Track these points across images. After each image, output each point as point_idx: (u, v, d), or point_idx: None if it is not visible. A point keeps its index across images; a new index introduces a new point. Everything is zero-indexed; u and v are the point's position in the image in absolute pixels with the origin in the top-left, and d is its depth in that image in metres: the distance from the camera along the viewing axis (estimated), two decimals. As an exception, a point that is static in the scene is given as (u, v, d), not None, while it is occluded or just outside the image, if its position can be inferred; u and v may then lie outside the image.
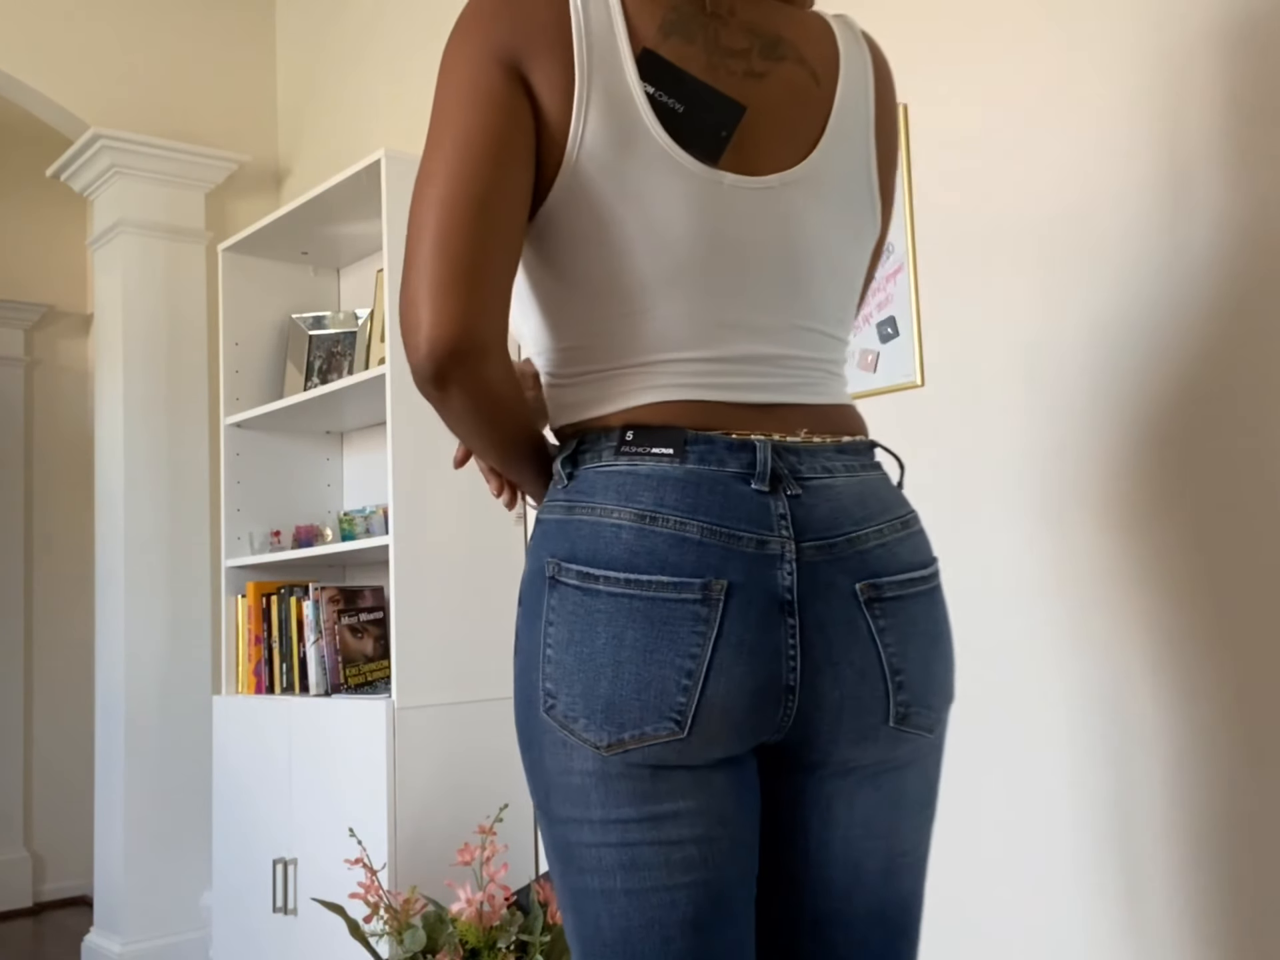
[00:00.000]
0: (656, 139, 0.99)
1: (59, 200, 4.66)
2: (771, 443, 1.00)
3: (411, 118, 3.22)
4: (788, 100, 1.06)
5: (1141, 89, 1.70)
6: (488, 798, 2.61)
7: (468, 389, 0.98)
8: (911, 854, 1.07)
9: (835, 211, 1.07)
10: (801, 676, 0.99)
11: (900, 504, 1.08)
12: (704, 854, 1.01)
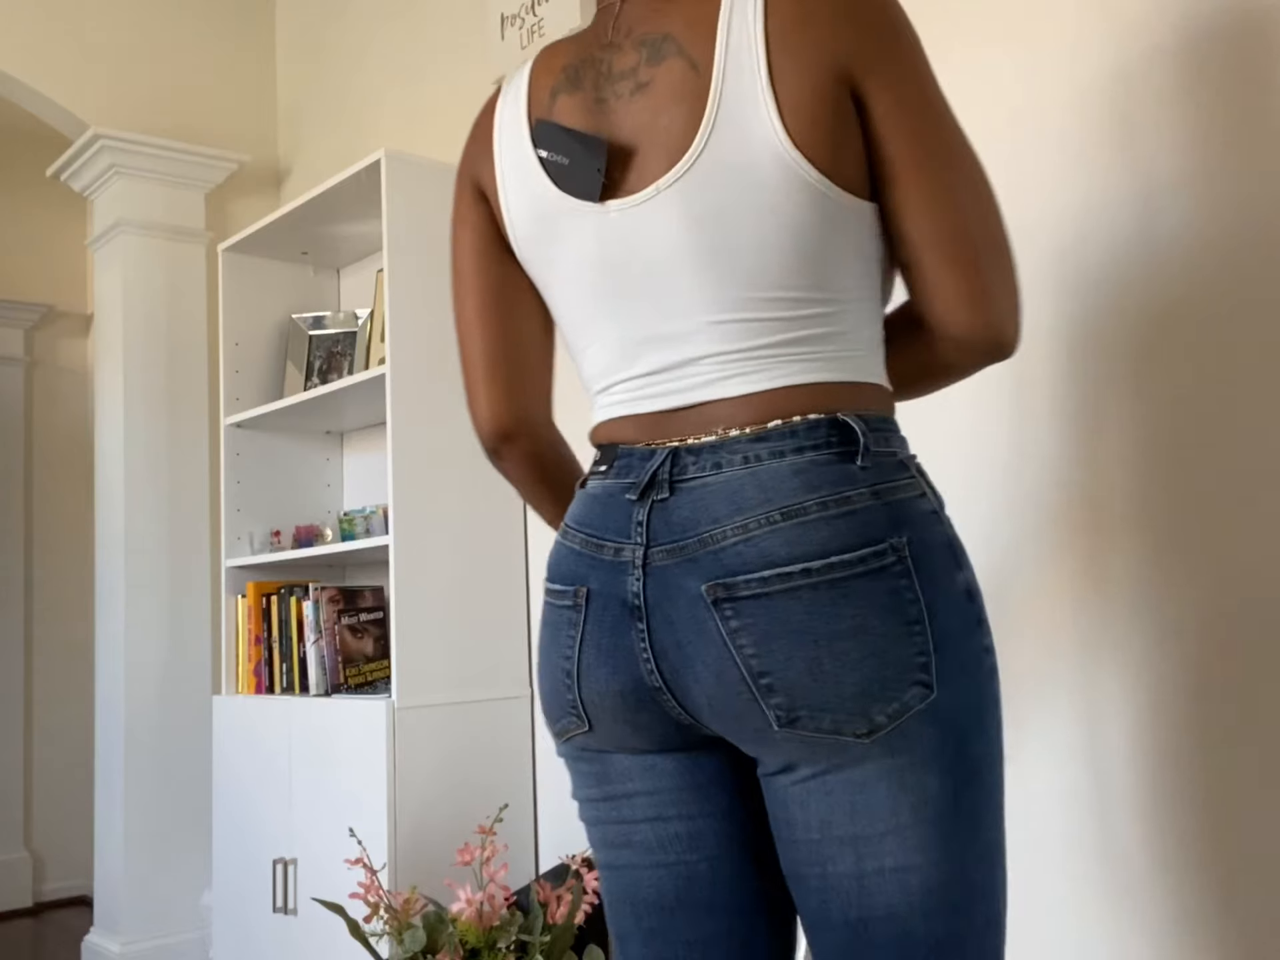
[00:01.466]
0: (552, 198, 1.09)
1: (59, 200, 4.66)
2: (674, 448, 1.04)
3: (412, 118, 3.22)
4: (669, 102, 1.04)
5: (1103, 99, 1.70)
6: (488, 798, 2.61)
7: (515, 460, 1.22)
8: (900, 869, 0.98)
9: (735, 192, 1.02)
10: (664, 679, 1.02)
11: (798, 491, 0.99)
12: (659, 837, 1.09)
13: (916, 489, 1.03)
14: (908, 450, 1.07)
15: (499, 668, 2.69)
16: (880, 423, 1.04)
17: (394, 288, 2.62)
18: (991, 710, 1.02)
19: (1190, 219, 1.65)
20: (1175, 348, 1.66)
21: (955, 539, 1.04)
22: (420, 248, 2.67)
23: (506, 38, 2.80)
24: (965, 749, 0.99)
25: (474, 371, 1.20)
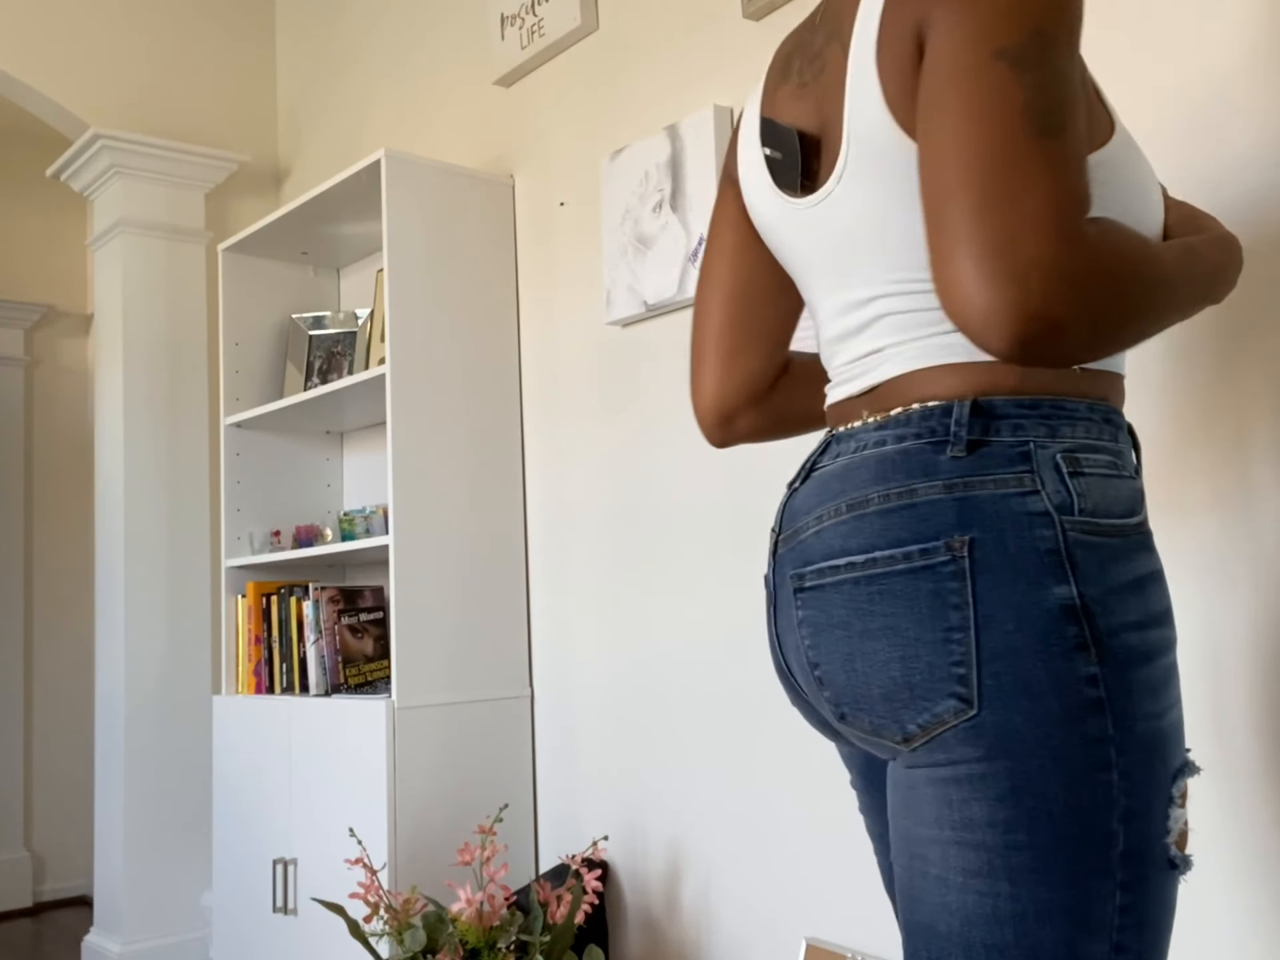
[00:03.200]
0: (773, 192, 1.10)
1: (59, 200, 4.67)
2: (831, 434, 1.05)
3: (412, 118, 3.22)
4: (833, 86, 1.01)
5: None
6: (488, 798, 2.61)
7: (735, 442, 1.24)
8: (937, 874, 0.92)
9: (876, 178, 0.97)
10: (785, 662, 1.06)
11: (869, 483, 0.95)
12: (867, 827, 1.17)
13: (1024, 485, 0.90)
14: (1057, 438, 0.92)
15: (499, 668, 2.69)
16: (1016, 407, 0.93)
17: (394, 288, 2.62)
18: (1074, 753, 0.87)
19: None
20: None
21: (1073, 550, 0.89)
22: (420, 248, 2.67)
23: (506, 38, 2.80)
24: (1022, 784, 0.88)
25: (701, 353, 1.20)
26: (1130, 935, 0.88)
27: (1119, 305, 0.82)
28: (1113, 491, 0.93)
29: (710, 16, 2.36)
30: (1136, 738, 0.88)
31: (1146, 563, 0.93)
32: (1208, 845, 1.59)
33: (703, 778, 2.34)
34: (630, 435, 2.52)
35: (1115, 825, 0.88)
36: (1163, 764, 0.89)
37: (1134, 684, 0.88)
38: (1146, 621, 0.90)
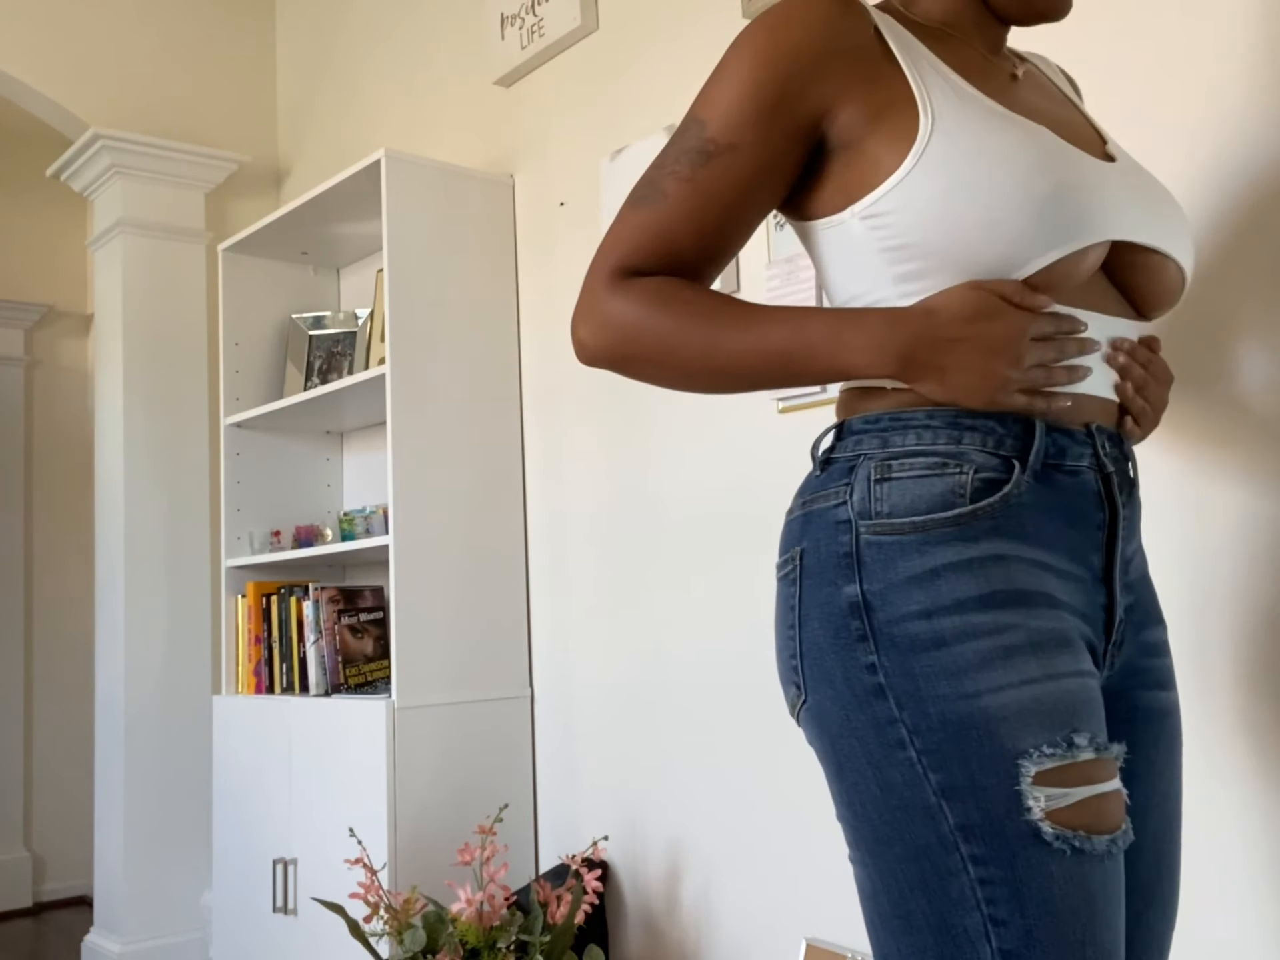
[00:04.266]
0: None
1: (59, 200, 4.66)
2: None
3: (412, 118, 3.22)
4: None
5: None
6: (488, 798, 2.61)
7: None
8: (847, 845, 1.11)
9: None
10: None
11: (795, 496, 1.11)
12: None
13: (839, 497, 1.01)
14: (887, 447, 1.01)
15: (499, 668, 2.69)
16: (864, 423, 1.03)
17: (394, 288, 2.62)
18: (868, 734, 0.96)
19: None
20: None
21: (863, 551, 0.98)
22: (420, 248, 2.67)
23: (506, 38, 2.80)
24: (844, 762, 0.99)
25: None
26: (1005, 909, 0.91)
27: (632, 350, 1.03)
28: (921, 490, 0.99)
29: (710, 17, 2.36)
30: (931, 718, 0.94)
31: (950, 553, 0.96)
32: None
33: (703, 778, 2.34)
34: (630, 435, 2.52)
35: (933, 799, 0.93)
36: (990, 743, 0.92)
37: (919, 669, 0.94)
38: (935, 610, 0.95)
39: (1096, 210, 0.99)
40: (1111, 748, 0.95)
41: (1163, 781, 1.10)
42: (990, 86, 1.06)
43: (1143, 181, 1.08)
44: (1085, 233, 0.98)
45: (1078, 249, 0.98)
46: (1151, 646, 1.11)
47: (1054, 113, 1.10)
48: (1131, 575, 1.08)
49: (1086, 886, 0.91)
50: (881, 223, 0.99)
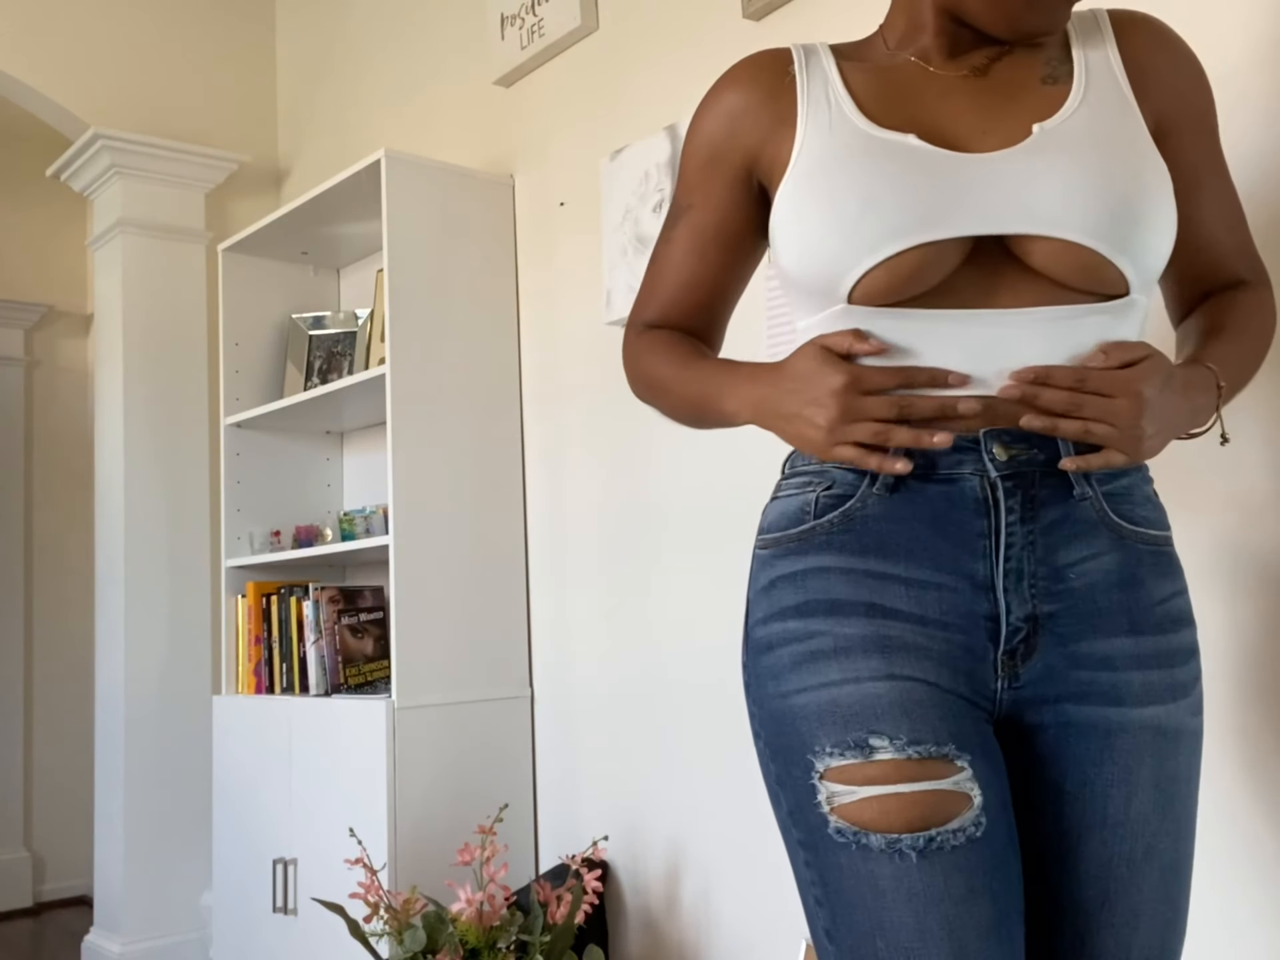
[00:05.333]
0: None
1: (59, 200, 4.66)
2: None
3: (412, 118, 3.22)
4: None
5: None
6: (488, 798, 2.61)
7: None
8: None
9: None
10: None
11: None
12: None
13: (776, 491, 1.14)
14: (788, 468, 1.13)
15: (499, 668, 2.69)
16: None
17: (394, 288, 2.62)
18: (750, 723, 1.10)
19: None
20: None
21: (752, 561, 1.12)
22: (420, 248, 2.67)
23: (506, 38, 2.80)
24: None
25: None
26: (820, 891, 1.01)
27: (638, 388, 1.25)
28: (781, 508, 1.10)
29: (710, 16, 2.36)
30: (767, 714, 1.06)
31: (786, 565, 1.07)
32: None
33: (703, 778, 2.34)
34: (630, 435, 2.52)
35: (775, 786, 1.06)
36: (795, 739, 1.02)
37: (761, 669, 1.07)
38: (768, 617, 1.07)
39: (924, 213, 1.00)
40: (916, 750, 0.96)
41: (1112, 804, 1.03)
42: (892, 101, 1.08)
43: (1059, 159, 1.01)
44: (898, 238, 1.00)
45: (889, 255, 1.00)
46: (1094, 659, 1.03)
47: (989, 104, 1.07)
48: (1075, 583, 1.02)
49: (874, 882, 0.96)
50: (773, 255, 1.13)
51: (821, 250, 1.03)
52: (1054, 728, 1.04)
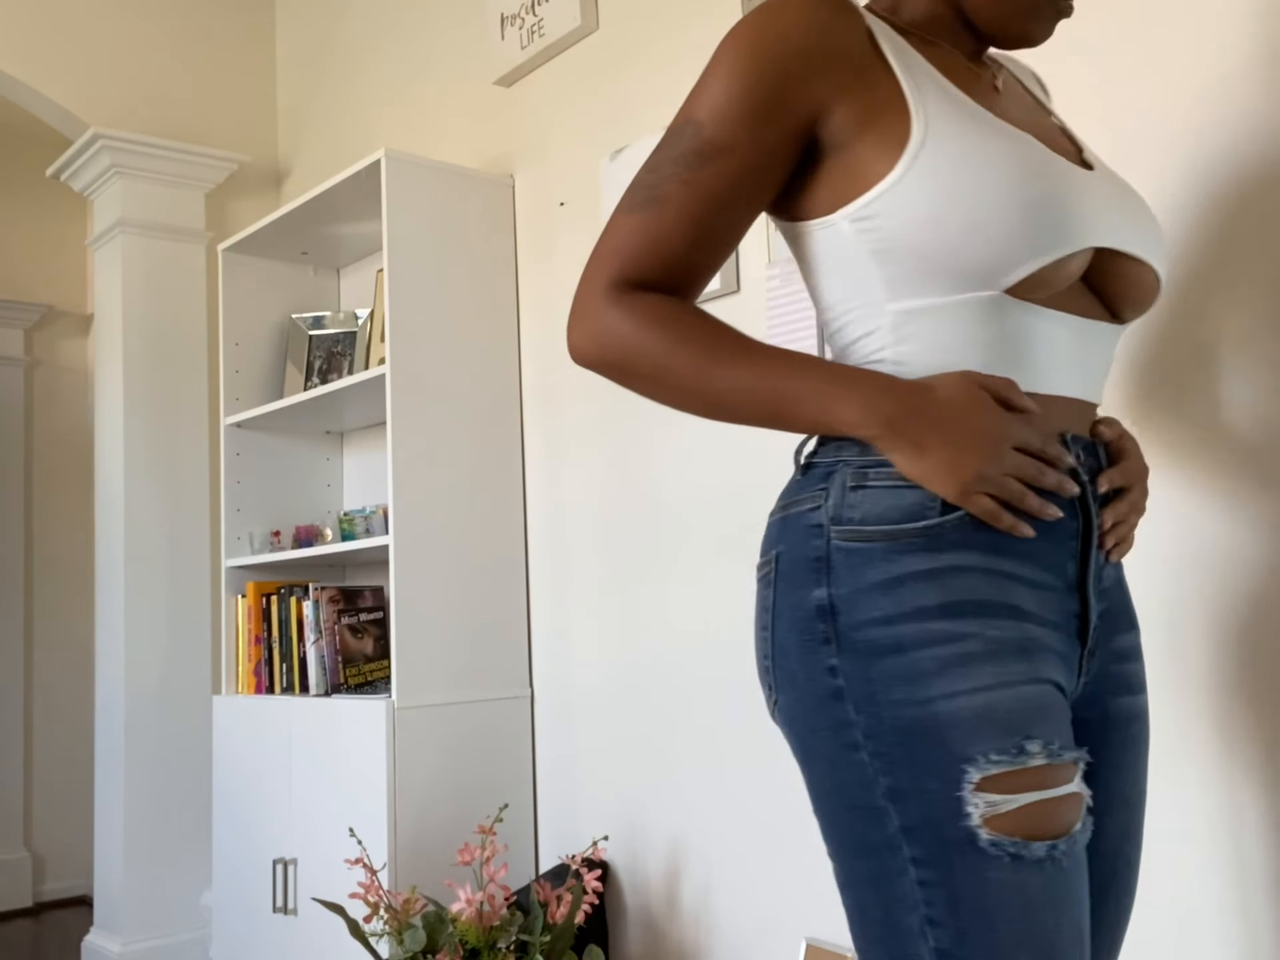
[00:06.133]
0: None
1: (59, 200, 4.67)
2: None
3: (412, 118, 3.22)
4: None
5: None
6: (488, 798, 2.61)
7: None
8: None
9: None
10: None
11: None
12: None
13: (814, 501, 1.03)
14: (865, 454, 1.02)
15: (499, 668, 2.69)
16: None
17: (394, 287, 2.62)
18: (827, 735, 0.99)
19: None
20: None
21: (833, 554, 1.00)
22: (420, 248, 2.67)
23: (506, 38, 2.80)
24: (807, 760, 1.02)
25: None
26: (940, 911, 0.93)
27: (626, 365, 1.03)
28: (893, 500, 1.00)
29: (710, 17, 2.36)
30: (884, 722, 0.96)
31: (916, 562, 0.98)
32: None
33: (703, 778, 2.34)
34: (630, 435, 2.52)
35: (881, 801, 0.96)
36: (938, 748, 0.94)
37: (877, 674, 0.96)
38: (896, 616, 0.97)
39: (1080, 218, 0.99)
40: (1065, 754, 0.96)
41: (1125, 784, 1.11)
42: (976, 93, 1.07)
43: (1120, 188, 1.08)
44: (1069, 240, 0.98)
45: (1061, 256, 0.98)
46: (1123, 652, 1.11)
47: (1032, 122, 1.11)
48: (1105, 582, 1.08)
49: (1025, 892, 0.92)
50: (871, 225, 1.00)
51: (996, 236, 0.96)
52: (1099, 719, 1.10)
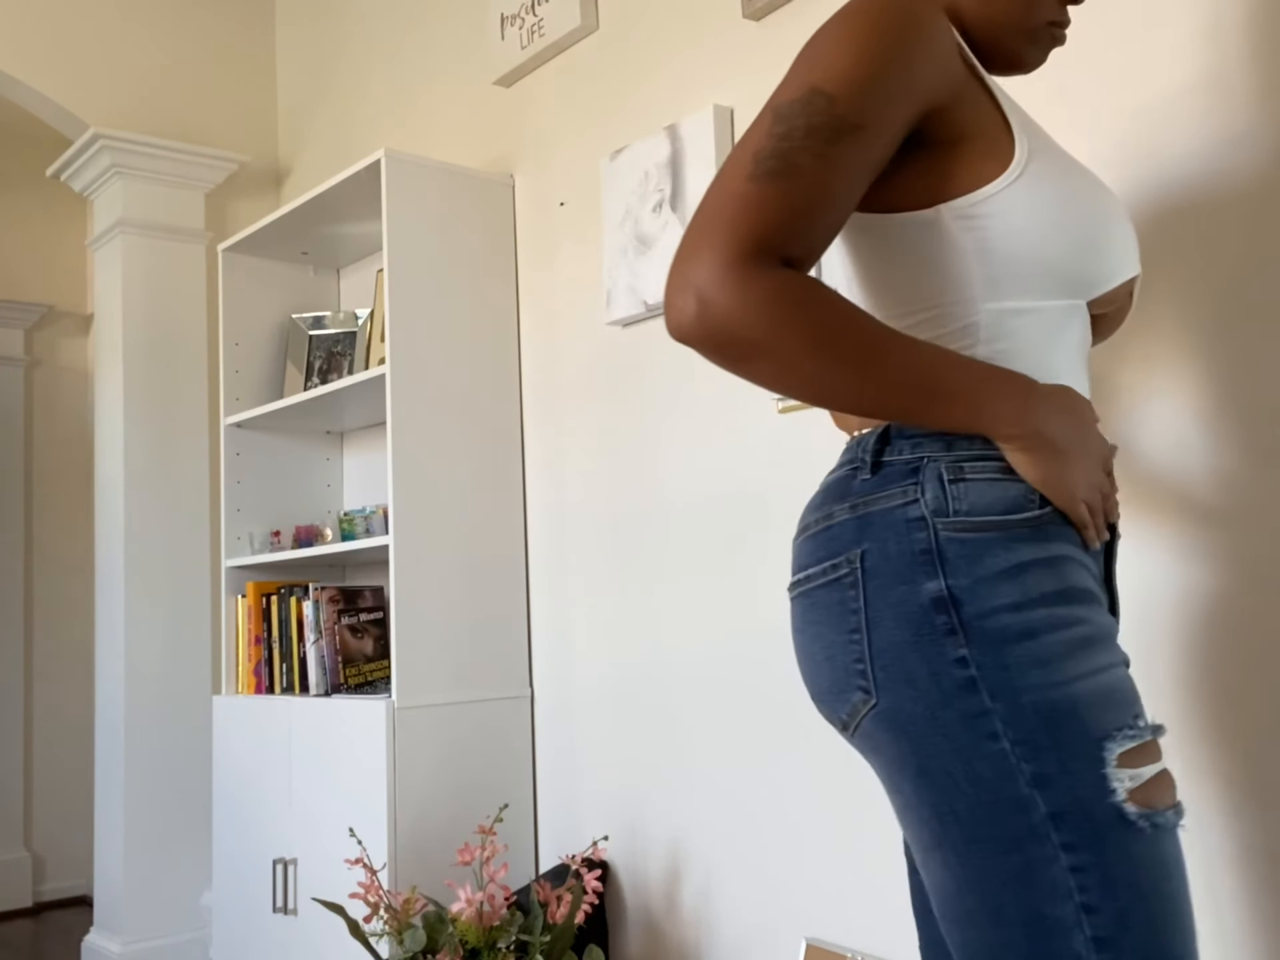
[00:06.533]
0: None
1: (59, 200, 4.67)
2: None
3: (412, 118, 3.22)
4: None
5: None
6: (488, 798, 2.61)
7: None
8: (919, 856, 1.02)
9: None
10: None
11: (811, 510, 1.11)
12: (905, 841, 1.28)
13: (906, 496, 1.02)
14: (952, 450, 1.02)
15: (499, 668, 2.69)
16: (920, 428, 1.04)
17: (394, 288, 2.62)
18: (958, 729, 0.96)
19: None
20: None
21: (944, 547, 0.99)
22: (420, 248, 2.67)
23: (506, 38, 2.80)
24: (927, 762, 0.98)
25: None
26: (1096, 895, 0.93)
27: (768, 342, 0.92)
28: (998, 492, 1.01)
29: (710, 16, 2.36)
30: (1024, 708, 0.95)
31: (1030, 551, 1.00)
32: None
33: (703, 778, 2.34)
34: (630, 435, 2.52)
35: (1025, 790, 0.94)
36: (1078, 729, 0.95)
37: (1012, 660, 0.96)
38: (1024, 603, 0.97)
39: (1133, 242, 1.11)
40: (1162, 727, 1.01)
41: None
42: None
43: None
44: (1134, 262, 1.10)
45: (1133, 275, 1.10)
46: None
47: None
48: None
49: (1164, 863, 0.95)
50: (978, 224, 1.02)
51: (1095, 250, 1.05)
52: None
